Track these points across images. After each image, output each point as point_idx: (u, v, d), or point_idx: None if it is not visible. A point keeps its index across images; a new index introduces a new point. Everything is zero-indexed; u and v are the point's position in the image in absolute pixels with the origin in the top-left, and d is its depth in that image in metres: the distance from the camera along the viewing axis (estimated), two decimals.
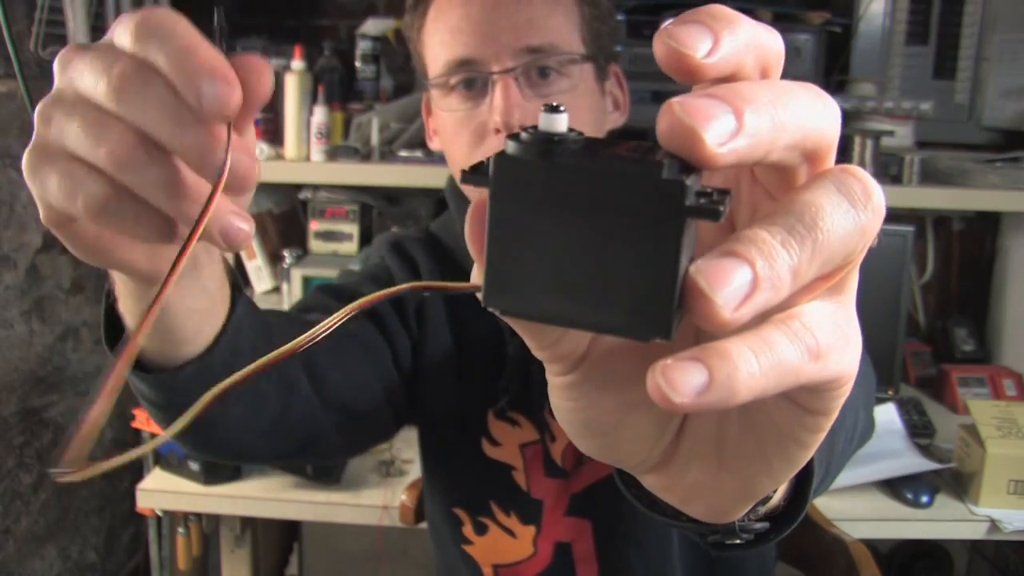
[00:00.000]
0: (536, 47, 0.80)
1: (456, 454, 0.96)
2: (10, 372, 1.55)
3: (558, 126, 0.25)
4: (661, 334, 0.24)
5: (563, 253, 0.24)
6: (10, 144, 1.52)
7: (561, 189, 0.24)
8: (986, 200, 1.66)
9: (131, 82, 0.34)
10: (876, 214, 0.25)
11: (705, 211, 0.23)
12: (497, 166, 0.25)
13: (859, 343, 0.27)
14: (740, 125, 0.23)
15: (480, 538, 0.95)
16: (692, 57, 0.24)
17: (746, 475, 0.31)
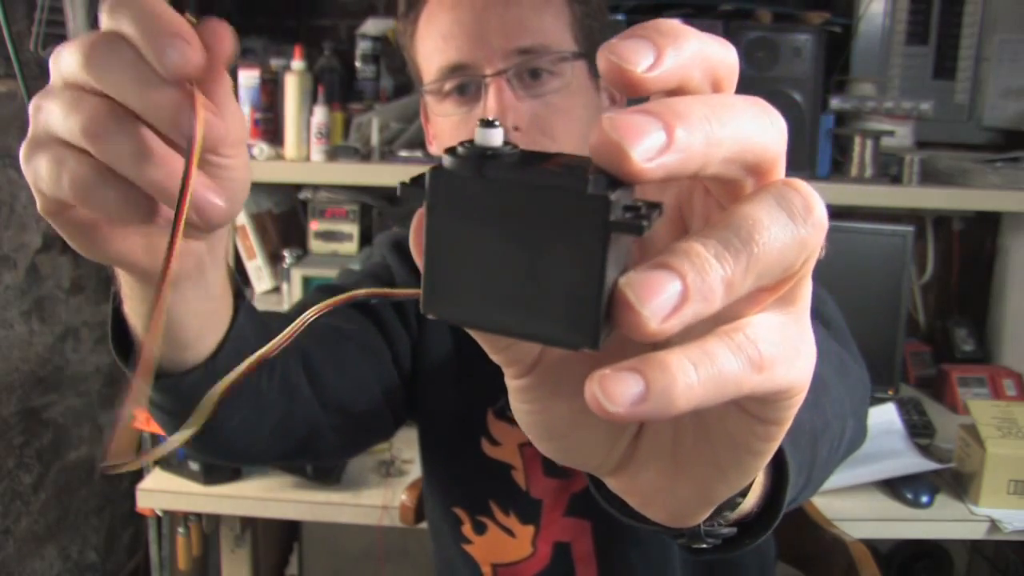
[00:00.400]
0: (527, 48, 0.80)
1: (456, 453, 0.96)
2: (10, 372, 1.55)
3: (493, 140, 0.26)
4: (589, 344, 0.25)
5: (496, 264, 0.25)
6: (10, 144, 1.52)
7: (493, 203, 0.25)
8: (986, 200, 1.66)
9: (98, 50, 0.36)
10: (817, 228, 0.25)
11: (629, 226, 0.24)
12: (433, 179, 0.26)
13: (812, 354, 0.27)
14: (670, 140, 0.23)
15: (479, 537, 0.95)
16: (633, 72, 0.24)
17: (702, 481, 0.31)
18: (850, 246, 1.73)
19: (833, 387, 0.63)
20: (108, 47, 0.36)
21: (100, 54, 0.36)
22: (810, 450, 0.54)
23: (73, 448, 1.74)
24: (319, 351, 0.78)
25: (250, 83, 1.69)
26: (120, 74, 0.36)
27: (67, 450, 1.72)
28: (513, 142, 0.26)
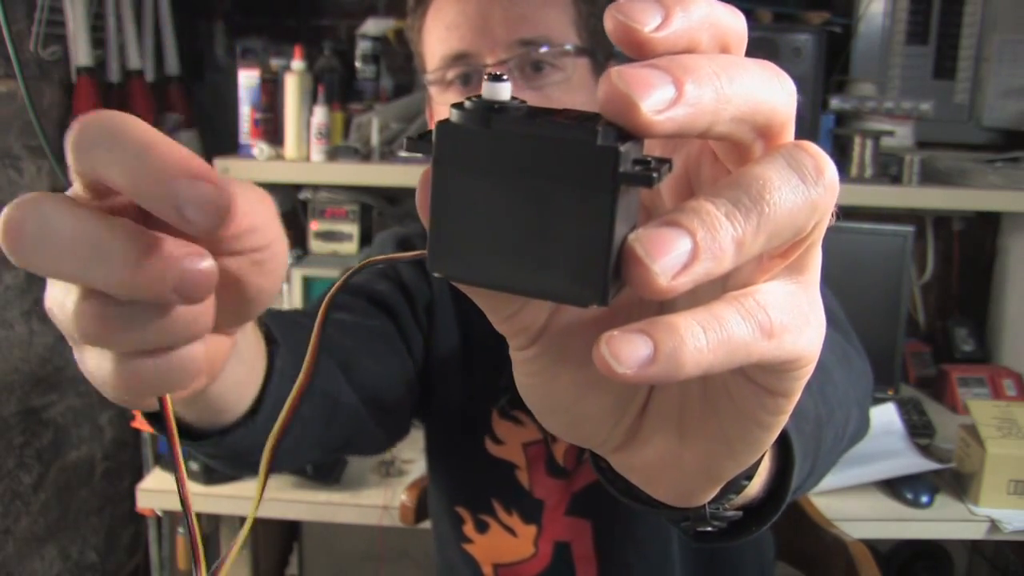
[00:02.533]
0: (529, 40, 0.81)
1: (460, 452, 0.96)
2: (10, 372, 1.55)
3: (501, 94, 0.25)
4: (597, 300, 0.24)
5: (504, 219, 0.25)
6: (10, 144, 1.52)
7: (500, 155, 0.24)
8: (986, 200, 1.66)
9: (16, 227, 0.27)
10: (828, 190, 0.25)
11: (639, 178, 0.24)
12: (440, 134, 0.25)
13: (821, 324, 0.27)
14: (680, 94, 0.23)
15: (481, 536, 0.95)
16: (640, 31, 0.24)
17: (708, 456, 0.31)
18: (850, 246, 1.73)
19: (837, 376, 0.63)
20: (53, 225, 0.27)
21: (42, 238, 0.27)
22: (815, 437, 0.54)
23: (73, 448, 1.74)
24: (353, 344, 0.78)
25: (250, 83, 1.69)
26: (97, 264, 0.27)
27: (67, 450, 1.72)
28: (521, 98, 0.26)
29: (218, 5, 2.03)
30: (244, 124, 1.72)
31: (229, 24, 2.04)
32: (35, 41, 1.54)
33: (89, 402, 1.77)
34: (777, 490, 0.49)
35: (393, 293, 0.89)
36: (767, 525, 0.48)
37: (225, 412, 0.52)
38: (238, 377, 0.49)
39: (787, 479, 0.48)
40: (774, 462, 0.48)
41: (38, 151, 1.56)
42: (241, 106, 1.71)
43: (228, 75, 1.91)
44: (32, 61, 1.54)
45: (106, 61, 1.70)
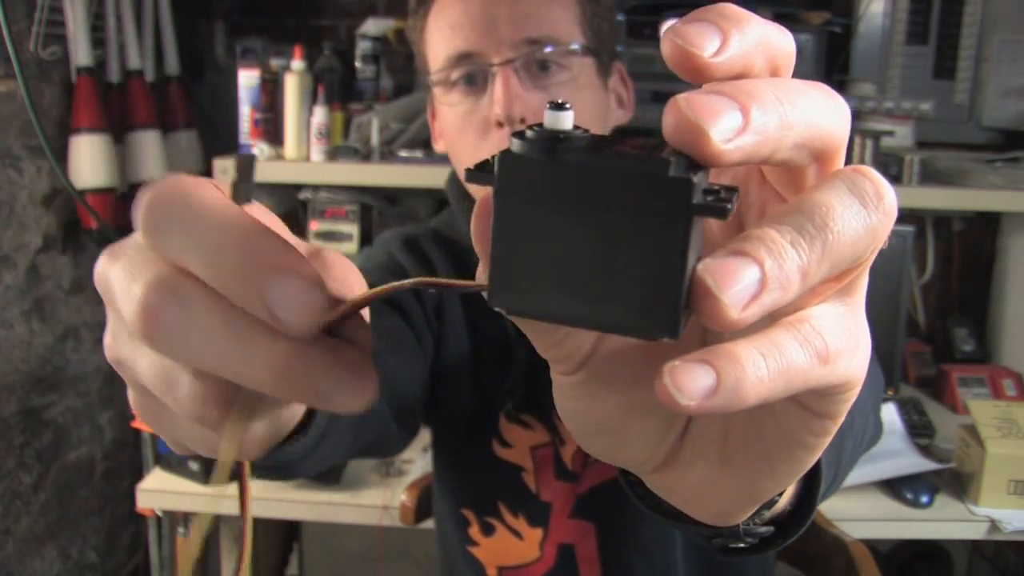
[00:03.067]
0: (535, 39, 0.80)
1: (467, 454, 0.96)
2: (10, 372, 1.55)
3: (564, 123, 0.24)
4: (669, 333, 0.24)
5: (569, 252, 0.24)
6: (10, 144, 1.52)
7: (567, 187, 0.24)
8: (986, 200, 1.66)
9: (157, 314, 0.25)
10: (888, 215, 0.25)
11: (713, 209, 0.23)
12: (502, 164, 0.24)
13: (868, 346, 0.27)
14: (747, 122, 0.23)
15: (487, 539, 0.95)
16: (700, 56, 0.24)
17: (750, 478, 0.31)
18: None
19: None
20: (173, 306, 0.25)
21: (162, 321, 0.25)
22: (837, 447, 0.54)
23: (73, 448, 1.74)
24: (379, 345, 0.77)
25: (250, 83, 1.69)
26: (200, 342, 0.25)
27: (67, 450, 1.72)
28: (583, 127, 0.25)
29: (218, 5, 2.03)
30: (244, 124, 1.72)
31: (229, 24, 2.04)
32: (35, 41, 1.54)
33: (89, 402, 1.77)
34: (802, 501, 0.48)
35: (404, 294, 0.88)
36: (794, 538, 0.48)
37: (283, 428, 0.51)
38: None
39: (814, 490, 0.48)
40: (799, 480, 0.48)
41: (38, 151, 1.56)
42: (241, 106, 1.72)
43: (228, 75, 1.91)
44: (32, 61, 1.54)
45: (106, 61, 1.70)
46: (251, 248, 0.25)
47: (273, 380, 0.25)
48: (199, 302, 0.25)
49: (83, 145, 1.58)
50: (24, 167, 1.56)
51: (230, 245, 0.25)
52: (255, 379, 0.25)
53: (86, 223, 1.65)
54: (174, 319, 0.25)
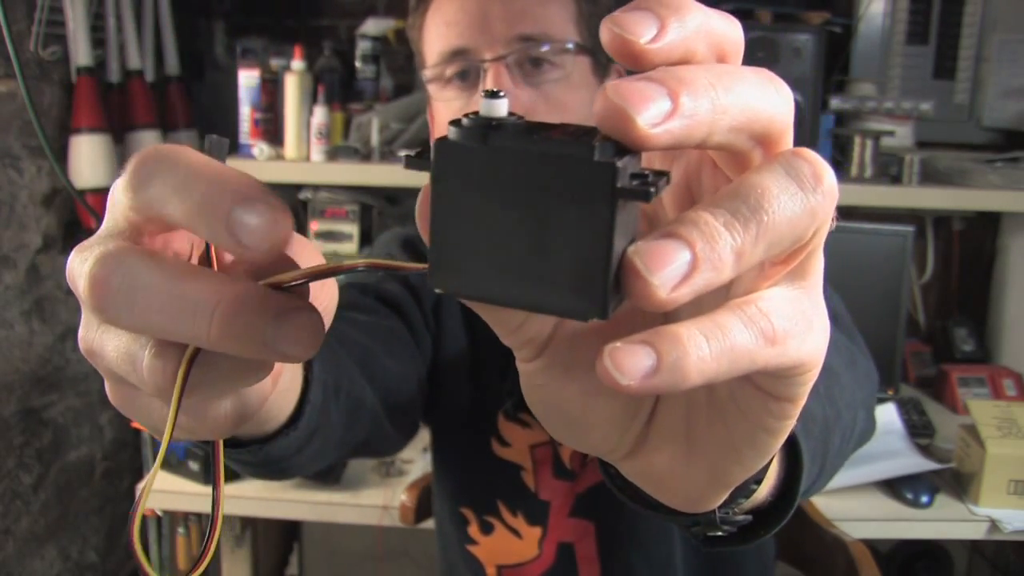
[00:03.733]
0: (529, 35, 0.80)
1: (466, 453, 0.96)
2: (10, 372, 1.55)
3: (498, 111, 0.25)
4: (597, 313, 0.25)
5: (504, 235, 0.25)
6: (10, 144, 1.52)
7: (498, 172, 0.25)
8: (986, 200, 1.66)
9: (102, 282, 0.27)
10: (827, 196, 0.25)
11: (636, 192, 0.24)
12: (438, 151, 0.25)
13: (825, 328, 0.27)
14: (675, 107, 0.23)
15: (486, 538, 0.95)
16: (636, 43, 0.24)
17: (716, 462, 0.31)
18: (850, 246, 1.73)
19: (843, 378, 0.63)
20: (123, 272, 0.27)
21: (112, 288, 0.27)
22: (823, 439, 0.54)
23: (73, 448, 1.74)
24: (371, 344, 0.78)
25: (250, 83, 1.69)
26: (155, 311, 0.27)
27: (67, 450, 1.72)
28: (518, 113, 0.26)
29: (218, 5, 2.03)
30: (244, 124, 1.72)
31: (229, 24, 2.04)
32: (35, 41, 1.54)
33: (89, 402, 1.77)
34: (786, 493, 0.49)
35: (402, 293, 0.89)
36: (776, 529, 0.48)
37: (269, 423, 0.51)
38: (285, 386, 0.48)
39: (796, 483, 0.48)
40: (783, 466, 0.48)
41: (38, 151, 1.56)
42: (241, 106, 1.72)
43: (228, 75, 1.91)
44: (32, 61, 1.54)
45: (106, 61, 1.70)
46: (220, 179, 0.26)
47: (219, 334, 0.26)
48: (142, 266, 0.27)
49: (83, 145, 1.58)
50: (24, 167, 1.56)
51: (203, 179, 0.26)
52: (202, 335, 0.26)
53: (86, 223, 1.65)
54: (119, 285, 0.27)
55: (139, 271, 0.27)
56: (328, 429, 0.64)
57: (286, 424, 0.52)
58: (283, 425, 0.52)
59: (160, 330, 0.27)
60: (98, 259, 0.27)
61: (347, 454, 0.78)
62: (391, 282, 0.90)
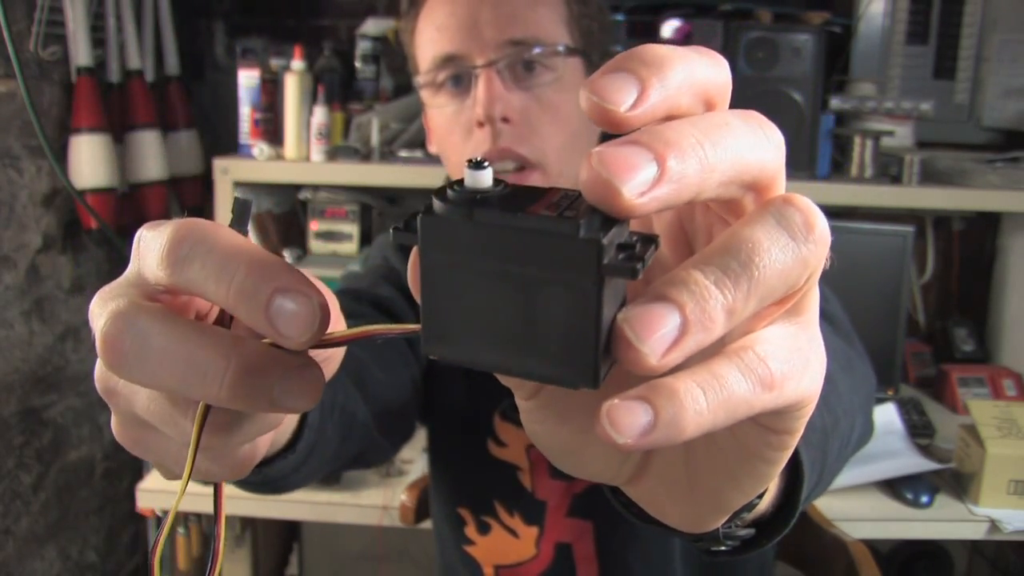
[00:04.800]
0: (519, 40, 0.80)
1: (463, 454, 0.96)
2: (10, 372, 1.55)
3: (483, 182, 0.25)
4: (588, 383, 0.25)
5: (492, 305, 0.25)
6: (10, 144, 1.52)
7: (484, 246, 0.25)
8: (986, 200, 1.66)
9: (115, 343, 0.28)
10: (819, 244, 0.25)
11: (622, 270, 0.24)
12: (424, 224, 0.25)
13: (821, 361, 0.27)
14: (663, 171, 0.23)
15: (483, 538, 0.95)
16: (616, 111, 0.24)
17: (716, 491, 0.31)
18: (850, 246, 1.73)
19: (841, 384, 0.63)
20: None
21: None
22: (821, 448, 0.54)
23: (73, 448, 1.74)
24: (364, 355, 0.78)
25: (250, 83, 1.69)
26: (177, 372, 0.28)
27: (67, 450, 1.72)
28: (504, 180, 0.26)
29: (218, 5, 2.04)
30: (244, 124, 1.72)
31: (229, 24, 2.04)
32: (35, 41, 1.54)
33: (89, 402, 1.77)
34: (786, 503, 0.49)
35: (396, 297, 0.89)
36: (777, 539, 0.48)
37: (271, 447, 0.51)
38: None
39: (796, 491, 0.48)
40: (783, 476, 0.48)
41: (38, 151, 1.56)
42: (241, 106, 1.71)
43: (228, 75, 1.91)
44: (32, 61, 1.54)
45: (106, 61, 1.70)
46: (260, 266, 0.27)
47: (230, 395, 0.27)
48: (154, 329, 0.28)
49: (83, 145, 1.58)
50: (24, 167, 1.56)
51: (243, 265, 0.27)
52: (212, 395, 0.27)
53: (86, 223, 1.65)
54: (130, 346, 0.28)
55: (151, 333, 0.28)
56: (324, 446, 0.64)
57: (285, 447, 0.52)
58: (282, 448, 0.52)
59: (172, 389, 0.28)
60: (111, 317, 0.28)
61: (340, 467, 0.79)
62: (385, 286, 0.90)
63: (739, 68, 1.60)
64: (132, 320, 0.28)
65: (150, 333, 0.27)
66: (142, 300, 0.29)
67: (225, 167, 1.65)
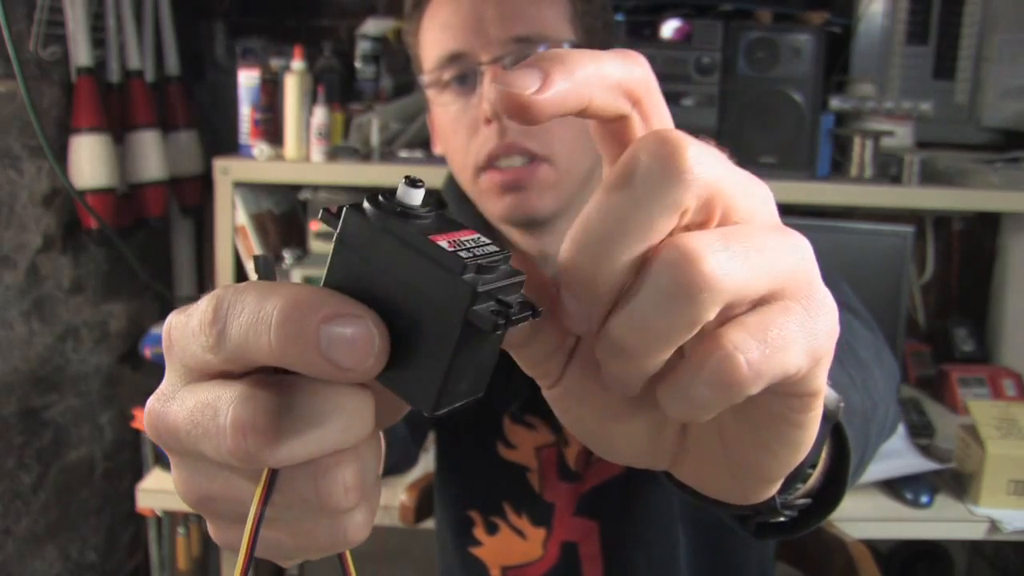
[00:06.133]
0: (524, 36, 0.81)
1: (472, 456, 0.96)
2: (10, 372, 1.55)
3: (412, 199, 0.27)
4: (425, 409, 0.27)
5: (377, 307, 0.26)
6: (10, 144, 1.52)
7: (385, 254, 0.26)
8: (986, 200, 1.66)
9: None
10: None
11: (483, 320, 0.25)
12: (346, 216, 0.27)
13: (823, 311, 0.28)
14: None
15: (491, 538, 0.95)
16: (520, 95, 0.25)
17: (754, 462, 0.32)
18: (850, 246, 1.73)
19: (875, 371, 0.65)
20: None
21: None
22: (863, 432, 0.55)
23: (73, 448, 1.74)
24: None
25: (250, 83, 1.69)
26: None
27: (67, 450, 1.72)
28: (436, 208, 0.28)
29: (218, 5, 2.03)
30: (244, 124, 1.72)
31: (229, 24, 2.04)
32: (35, 41, 1.54)
33: (89, 402, 1.77)
34: (829, 483, 0.50)
35: None
36: (826, 517, 0.49)
37: None
38: None
39: (842, 472, 0.49)
40: (829, 456, 0.49)
41: (38, 151, 1.56)
42: (241, 106, 1.71)
43: (228, 75, 1.90)
44: (32, 61, 1.54)
45: (106, 61, 1.70)
46: (296, 301, 0.25)
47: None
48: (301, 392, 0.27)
49: (83, 145, 1.58)
50: (24, 167, 1.56)
51: (278, 306, 0.25)
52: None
53: (86, 223, 1.65)
54: (291, 424, 0.26)
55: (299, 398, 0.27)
56: None
57: None
58: None
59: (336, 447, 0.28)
60: (235, 410, 0.26)
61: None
62: None
63: (739, 68, 1.60)
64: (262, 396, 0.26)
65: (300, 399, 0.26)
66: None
67: (225, 167, 1.65)
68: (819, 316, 0.27)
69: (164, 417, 0.28)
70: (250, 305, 0.26)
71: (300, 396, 0.26)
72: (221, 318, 0.26)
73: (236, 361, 0.26)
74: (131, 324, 1.89)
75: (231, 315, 0.26)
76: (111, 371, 1.84)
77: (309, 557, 0.30)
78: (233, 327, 0.26)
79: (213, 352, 0.26)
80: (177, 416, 0.27)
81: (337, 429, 0.26)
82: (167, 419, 0.28)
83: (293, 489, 0.27)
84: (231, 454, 0.26)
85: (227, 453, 0.26)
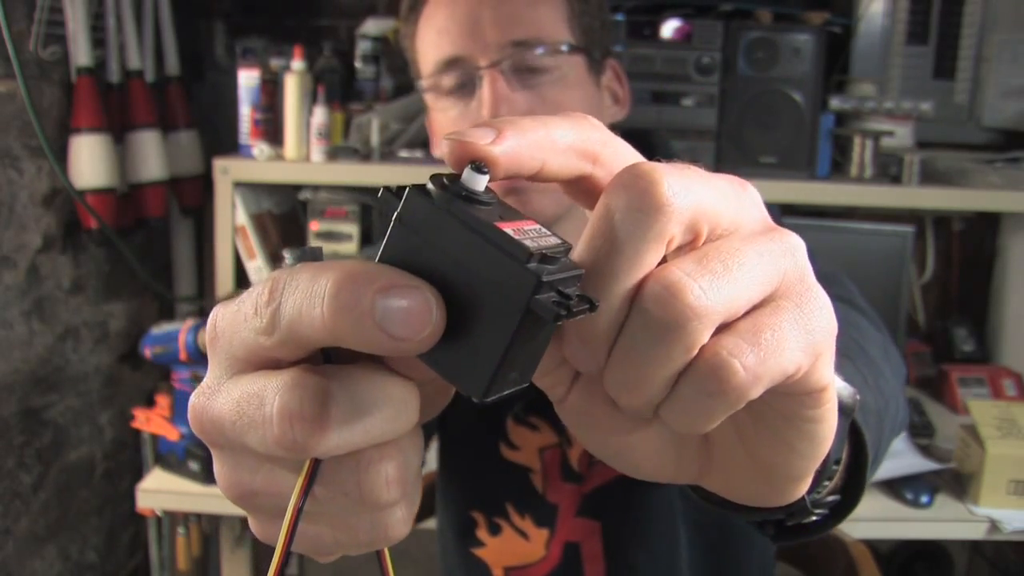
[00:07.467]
0: (521, 40, 0.81)
1: (475, 457, 0.96)
2: (10, 372, 1.55)
3: (477, 184, 0.27)
4: (475, 394, 0.26)
5: (439, 289, 0.26)
6: (10, 144, 1.52)
7: (448, 237, 0.26)
8: (986, 200, 1.66)
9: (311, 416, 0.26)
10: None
11: (545, 309, 0.25)
12: (409, 196, 0.27)
13: (819, 312, 0.28)
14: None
15: (493, 539, 0.95)
16: (476, 144, 0.26)
17: (780, 462, 0.32)
18: (850, 246, 1.73)
19: (885, 369, 0.65)
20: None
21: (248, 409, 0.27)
22: (877, 430, 0.55)
23: (73, 448, 1.74)
24: None
25: (250, 83, 1.69)
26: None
27: (67, 450, 1.72)
28: (497, 195, 0.28)
29: (218, 5, 2.03)
30: (244, 124, 1.72)
31: (229, 24, 2.04)
32: (35, 41, 1.54)
33: (89, 402, 1.77)
34: (847, 483, 0.50)
35: None
36: (847, 516, 0.49)
37: None
38: None
39: (861, 469, 0.49)
40: (846, 454, 0.49)
41: (38, 151, 1.56)
42: (241, 106, 1.71)
43: (228, 75, 1.90)
44: (32, 61, 1.54)
45: (106, 61, 1.70)
46: (350, 275, 0.25)
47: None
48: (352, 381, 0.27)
49: (83, 145, 1.58)
50: (24, 167, 1.56)
51: (331, 280, 0.25)
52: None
53: (86, 223, 1.65)
54: (338, 413, 0.26)
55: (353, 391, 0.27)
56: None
57: None
58: None
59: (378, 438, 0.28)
60: (284, 390, 0.26)
61: None
62: None
63: (739, 68, 1.60)
64: (315, 386, 0.26)
65: (352, 389, 0.26)
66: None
67: (225, 167, 1.65)
68: (813, 312, 0.27)
69: (208, 410, 0.28)
70: (304, 282, 0.25)
71: (347, 384, 0.26)
72: (276, 297, 0.26)
73: (288, 342, 0.26)
74: (131, 324, 1.89)
75: (286, 293, 0.26)
76: (111, 371, 1.84)
77: (348, 552, 0.31)
78: (288, 304, 0.26)
79: (266, 334, 0.26)
80: (222, 408, 0.27)
81: (383, 419, 0.26)
82: (211, 412, 0.28)
83: (335, 481, 0.27)
84: (277, 443, 0.26)
85: (273, 442, 0.26)
